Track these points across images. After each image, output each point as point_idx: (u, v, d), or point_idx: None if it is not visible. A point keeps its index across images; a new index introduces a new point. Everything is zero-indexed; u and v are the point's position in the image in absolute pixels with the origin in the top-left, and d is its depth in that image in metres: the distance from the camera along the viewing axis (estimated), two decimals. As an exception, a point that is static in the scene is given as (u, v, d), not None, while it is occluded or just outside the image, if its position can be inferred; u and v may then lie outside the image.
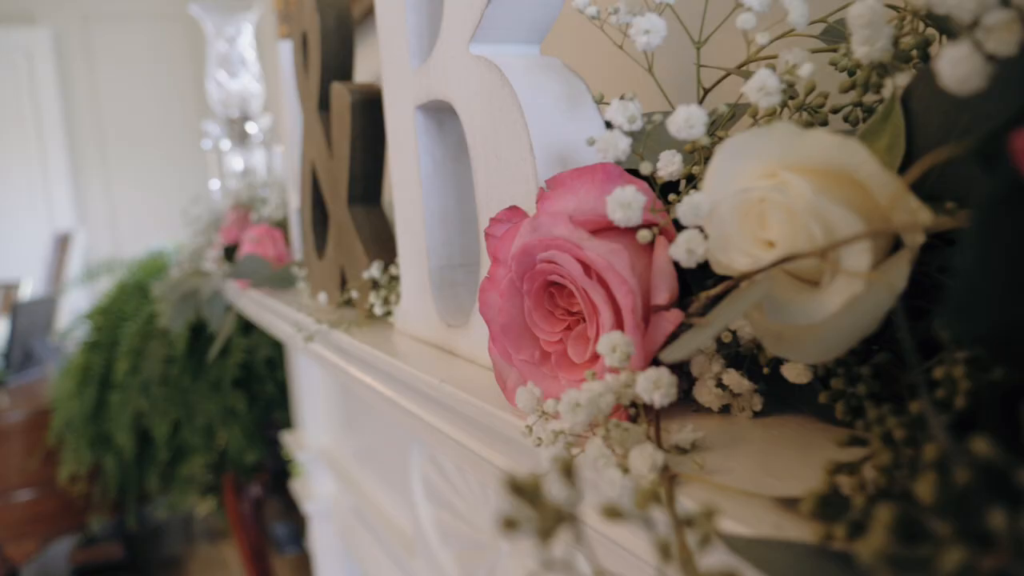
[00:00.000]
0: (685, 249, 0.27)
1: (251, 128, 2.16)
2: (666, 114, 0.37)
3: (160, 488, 2.06)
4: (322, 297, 0.77)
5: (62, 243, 3.59)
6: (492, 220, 0.38)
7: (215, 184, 2.15)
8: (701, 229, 0.29)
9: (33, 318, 2.89)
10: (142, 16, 4.41)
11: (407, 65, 0.56)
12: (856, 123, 0.36)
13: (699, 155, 0.37)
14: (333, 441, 1.48)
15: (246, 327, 1.83)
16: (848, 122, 0.36)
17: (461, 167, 0.58)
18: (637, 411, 0.29)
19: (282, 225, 1.32)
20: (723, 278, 0.35)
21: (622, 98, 0.36)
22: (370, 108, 0.73)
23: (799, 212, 0.25)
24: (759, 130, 0.27)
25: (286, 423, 1.89)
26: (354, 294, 0.72)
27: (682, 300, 0.34)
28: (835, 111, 0.37)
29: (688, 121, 0.29)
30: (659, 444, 0.29)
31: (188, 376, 1.92)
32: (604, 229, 0.35)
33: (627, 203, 0.29)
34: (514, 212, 0.38)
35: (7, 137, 4.12)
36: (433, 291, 0.57)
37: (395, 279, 0.70)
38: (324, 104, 0.83)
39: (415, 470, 0.96)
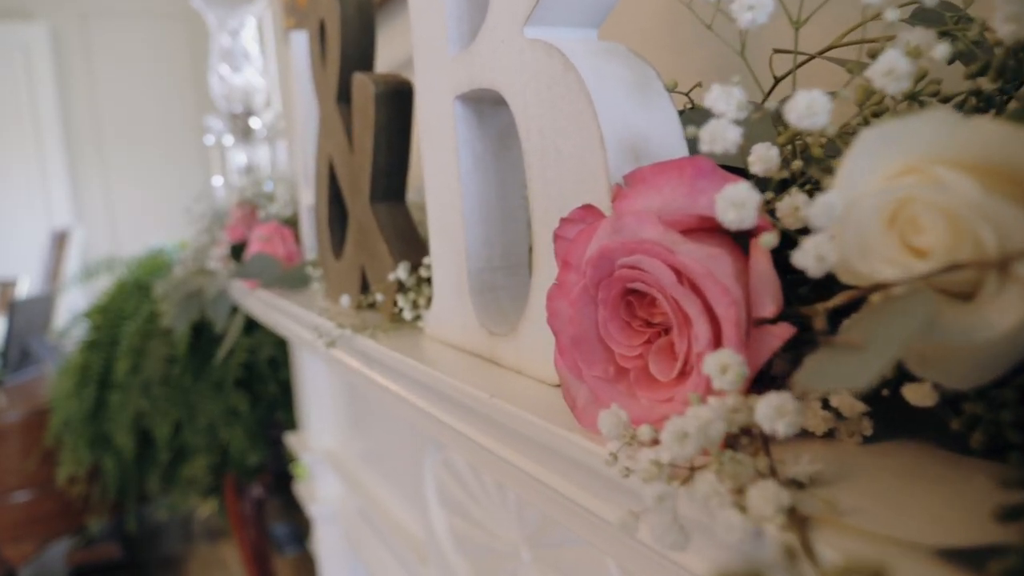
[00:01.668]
0: (814, 256, 0.23)
1: (254, 123, 2.12)
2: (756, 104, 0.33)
3: (161, 489, 2.02)
4: (344, 300, 0.73)
5: (60, 240, 3.55)
6: (563, 220, 0.34)
7: (218, 180, 2.12)
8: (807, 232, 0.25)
9: (30, 316, 2.85)
10: (140, 13, 4.37)
11: (445, 52, 0.52)
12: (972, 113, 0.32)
13: (793, 148, 0.34)
14: (339, 442, 1.44)
15: (249, 326, 1.79)
16: (962, 112, 0.32)
17: (501, 163, 0.54)
18: (751, 439, 0.26)
19: (291, 223, 1.27)
20: (819, 285, 0.31)
21: (699, 83, 0.32)
22: (396, 99, 0.69)
23: (963, 215, 0.21)
24: (907, 119, 0.23)
25: (289, 424, 1.85)
26: (379, 297, 0.68)
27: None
28: (944, 100, 0.33)
29: (810, 108, 0.25)
30: (776, 479, 0.25)
31: (189, 376, 1.89)
32: (692, 230, 0.31)
33: (741, 202, 0.25)
34: (588, 212, 0.34)
35: (4, 134, 4.08)
36: (472, 295, 0.53)
37: (423, 281, 0.66)
38: (343, 96, 0.79)
39: (428, 474, 0.92)
